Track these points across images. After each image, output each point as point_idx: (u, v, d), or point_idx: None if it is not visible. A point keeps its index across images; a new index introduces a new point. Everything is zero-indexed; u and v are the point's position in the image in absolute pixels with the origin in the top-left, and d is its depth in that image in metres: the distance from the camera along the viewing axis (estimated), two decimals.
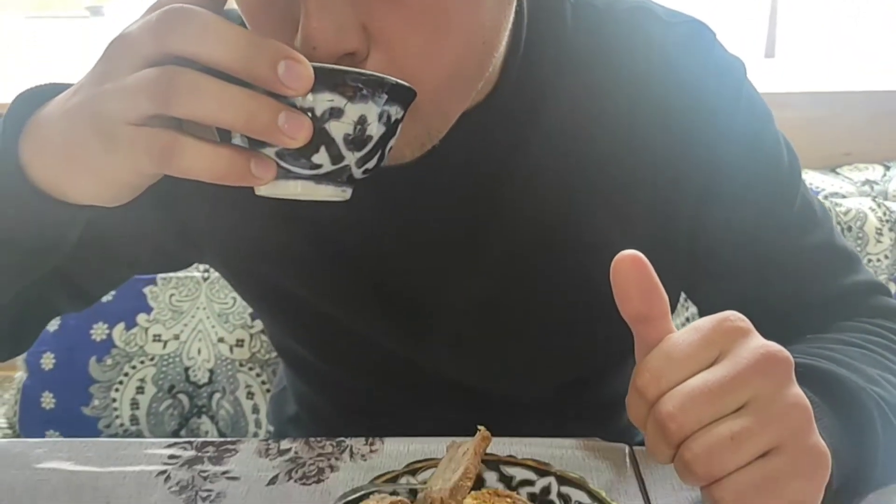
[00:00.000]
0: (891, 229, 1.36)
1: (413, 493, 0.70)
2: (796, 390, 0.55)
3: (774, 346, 0.55)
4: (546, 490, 0.71)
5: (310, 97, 0.52)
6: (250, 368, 1.50)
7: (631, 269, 0.57)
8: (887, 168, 1.62)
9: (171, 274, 1.50)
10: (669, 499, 0.73)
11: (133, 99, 0.52)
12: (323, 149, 0.54)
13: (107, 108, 0.54)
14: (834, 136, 1.74)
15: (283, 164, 0.54)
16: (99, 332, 1.49)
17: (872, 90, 1.78)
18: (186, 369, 1.49)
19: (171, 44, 0.51)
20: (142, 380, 1.48)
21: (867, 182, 1.56)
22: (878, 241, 1.35)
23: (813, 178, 1.58)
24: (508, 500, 0.67)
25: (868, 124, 1.78)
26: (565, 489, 0.71)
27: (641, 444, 0.78)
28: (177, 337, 1.50)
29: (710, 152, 0.80)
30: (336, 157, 0.54)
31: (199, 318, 1.50)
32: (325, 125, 0.53)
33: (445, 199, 0.80)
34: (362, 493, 0.69)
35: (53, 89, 0.63)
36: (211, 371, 1.49)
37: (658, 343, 0.57)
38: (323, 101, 0.52)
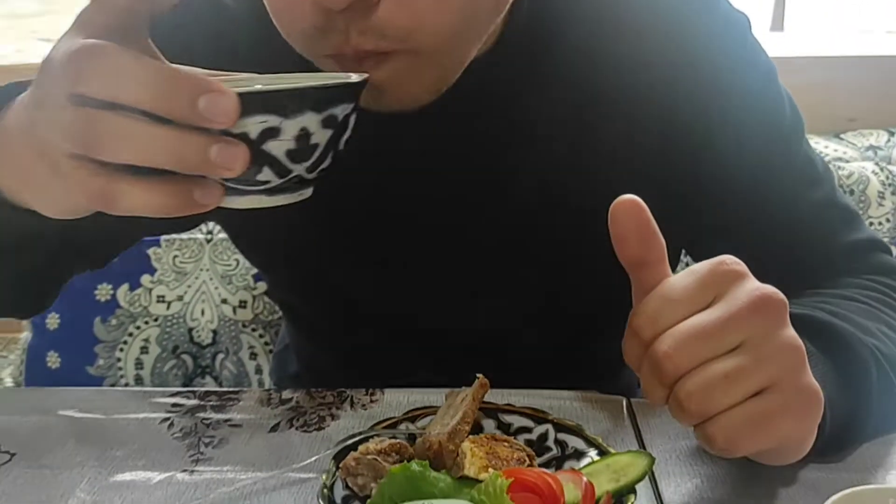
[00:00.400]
0: (893, 193, 1.36)
1: (412, 438, 0.71)
2: (790, 332, 0.56)
3: (769, 288, 0.56)
4: (543, 437, 0.72)
5: (242, 122, 0.49)
6: (253, 329, 1.51)
7: (629, 212, 0.57)
8: (892, 134, 1.61)
9: (175, 236, 1.51)
10: (666, 447, 0.74)
11: (61, 139, 0.51)
12: (266, 168, 0.52)
13: (46, 138, 0.53)
14: (839, 102, 1.74)
15: (229, 184, 0.53)
16: (103, 292, 1.50)
17: (878, 55, 1.77)
18: (190, 330, 1.50)
19: (86, 88, 0.49)
20: (146, 340, 1.50)
21: (871, 147, 1.56)
22: (881, 205, 1.35)
23: (816, 144, 1.57)
24: (506, 444, 0.68)
25: (873, 90, 1.77)
26: (562, 436, 0.72)
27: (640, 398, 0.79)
28: (180, 298, 1.51)
29: (713, 103, 0.81)
30: (282, 172, 0.53)
31: (202, 279, 1.51)
32: (263, 146, 0.51)
33: (453, 146, 0.81)
34: (361, 437, 0.70)
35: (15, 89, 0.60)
36: (214, 332, 1.51)
37: (655, 287, 0.57)
38: (256, 124, 0.50)
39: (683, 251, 0.96)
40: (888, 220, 1.35)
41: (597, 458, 0.68)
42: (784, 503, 0.67)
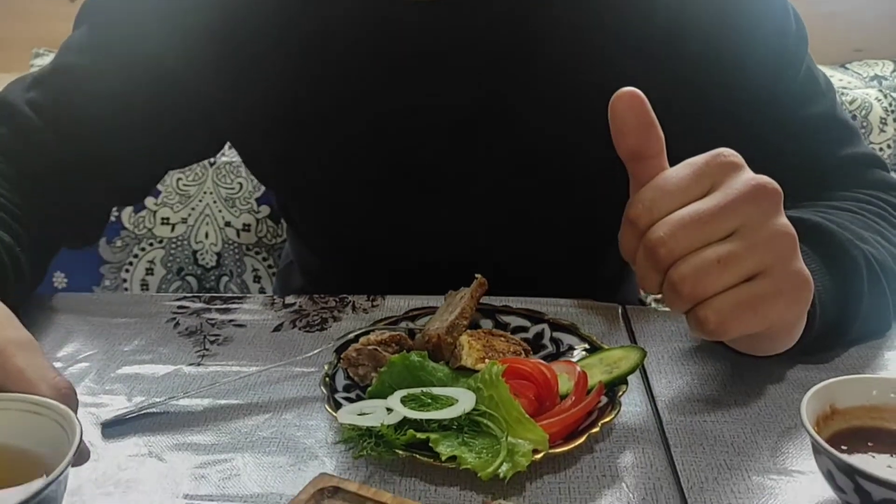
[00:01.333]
0: (895, 119, 1.35)
1: (412, 334, 0.73)
2: (783, 220, 0.57)
3: (764, 177, 0.57)
4: (539, 335, 0.74)
5: None
6: (257, 252, 1.53)
7: (628, 104, 0.58)
8: None
9: None
10: (659, 348, 0.76)
11: None
12: None
13: None
14: (845, 32, 1.72)
15: None
16: None
17: None
18: (194, 252, 1.52)
19: None
20: (151, 262, 1.51)
21: (876, 77, 1.55)
22: (882, 131, 1.35)
23: None
24: (503, 338, 0.70)
25: (880, 21, 1.75)
26: (557, 334, 0.74)
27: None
28: (184, 220, 1.52)
29: (719, 13, 0.81)
30: None
31: (206, 202, 1.52)
32: None
33: (460, 43, 0.82)
34: (362, 331, 0.72)
35: None
36: (218, 254, 1.53)
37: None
38: None
39: None
40: (889, 147, 1.36)
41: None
42: (771, 399, 0.69)
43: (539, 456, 0.56)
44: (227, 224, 1.52)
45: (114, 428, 0.66)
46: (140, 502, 0.57)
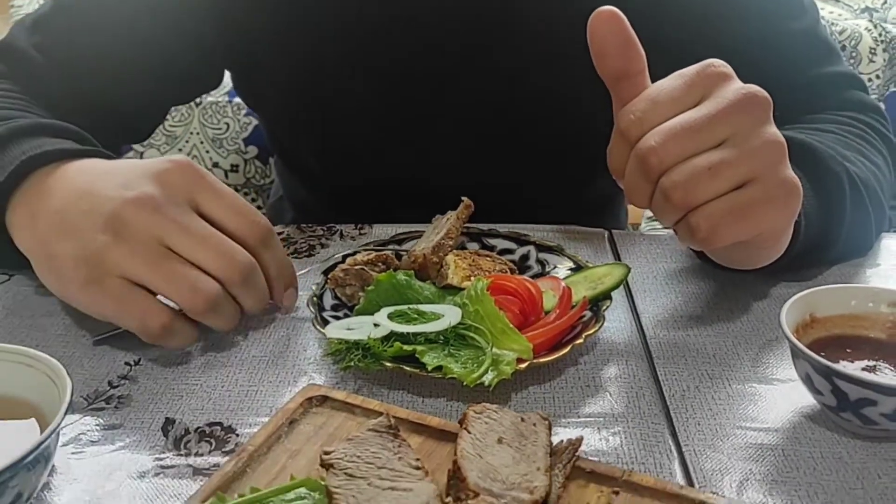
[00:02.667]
0: (885, 49, 1.35)
1: (398, 257, 0.73)
2: (773, 129, 0.57)
3: (754, 87, 0.57)
4: (525, 257, 0.75)
5: None
6: (245, 193, 1.52)
7: (607, 24, 0.57)
8: None
9: None
10: (644, 268, 0.77)
11: (136, 270, 0.59)
12: None
13: (112, 261, 0.59)
14: None
15: None
16: None
17: None
18: None
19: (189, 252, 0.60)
20: None
21: (867, 10, 1.53)
22: (871, 62, 1.34)
23: None
24: (489, 258, 0.71)
25: None
26: (543, 255, 0.74)
27: None
28: None
29: None
30: None
31: (192, 143, 1.51)
32: None
33: None
34: (349, 254, 0.72)
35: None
36: None
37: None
38: None
39: None
40: (878, 77, 1.35)
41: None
42: (754, 314, 0.70)
43: (524, 365, 0.57)
44: (215, 165, 1.52)
45: (104, 346, 0.66)
46: (131, 417, 0.58)
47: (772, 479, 0.52)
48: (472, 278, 0.66)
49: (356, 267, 0.68)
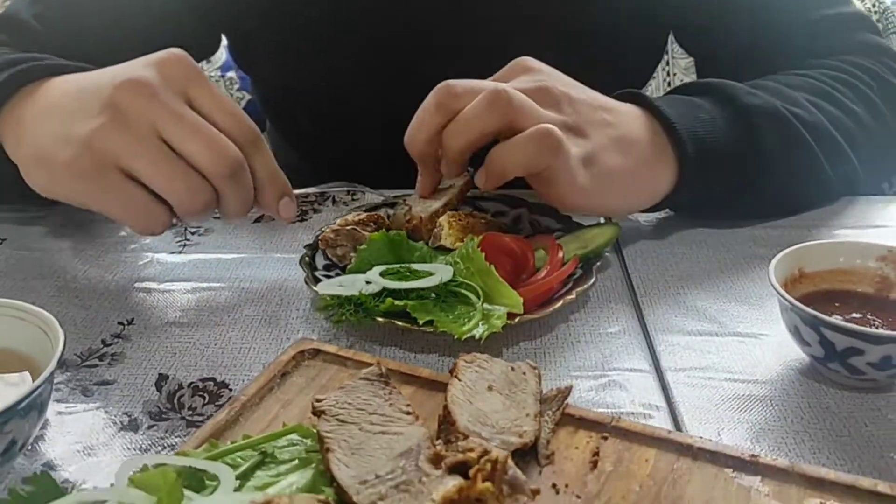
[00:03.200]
0: (878, 21, 1.34)
1: (391, 206, 0.74)
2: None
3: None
4: (517, 219, 0.75)
5: None
6: None
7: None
8: None
9: None
10: (636, 232, 0.77)
11: (131, 160, 0.58)
12: None
13: (108, 146, 0.58)
14: None
15: None
16: None
17: None
18: None
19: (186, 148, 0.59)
20: None
21: None
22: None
23: None
24: (482, 221, 0.71)
25: None
26: (535, 217, 0.74)
27: None
28: None
29: None
30: None
31: None
32: None
33: None
34: (342, 215, 0.73)
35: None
36: None
37: None
38: None
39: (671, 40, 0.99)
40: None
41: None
42: (743, 273, 0.70)
43: (515, 320, 0.58)
44: None
45: (97, 306, 0.67)
46: (124, 374, 0.59)
47: (759, 427, 0.52)
48: (465, 240, 0.66)
49: (347, 227, 0.68)
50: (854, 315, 0.57)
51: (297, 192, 0.69)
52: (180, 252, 0.75)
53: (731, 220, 0.77)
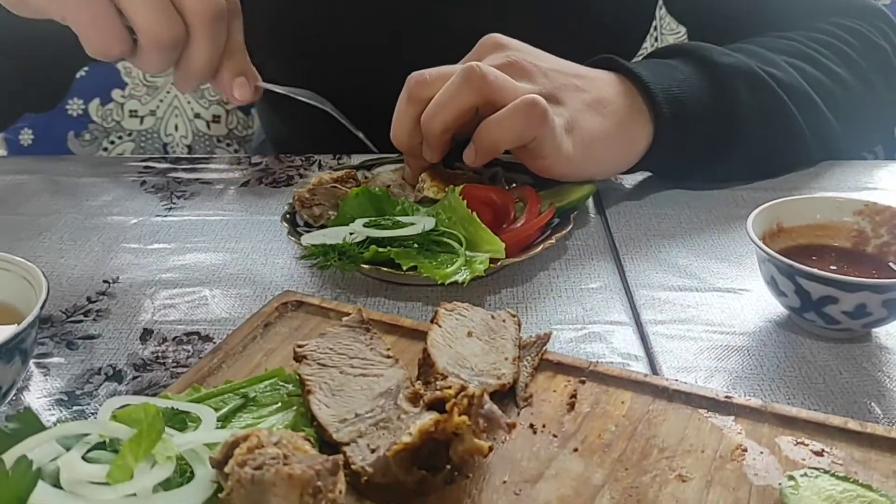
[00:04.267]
0: None
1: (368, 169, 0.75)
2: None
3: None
4: (493, 177, 0.75)
5: None
6: (228, 144, 1.52)
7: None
8: None
9: None
10: (619, 193, 0.78)
11: None
12: None
13: None
14: None
15: None
16: (74, 107, 1.49)
17: None
18: (164, 145, 1.51)
19: None
20: (121, 154, 1.50)
21: None
22: None
23: None
24: (463, 174, 0.71)
25: None
26: (511, 175, 0.75)
27: None
28: (153, 113, 1.50)
29: None
30: None
31: (174, 93, 1.50)
32: None
33: None
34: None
35: None
36: (189, 147, 1.52)
37: None
38: None
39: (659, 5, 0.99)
40: None
41: None
42: (723, 232, 0.71)
43: (497, 265, 0.58)
44: (197, 115, 1.51)
45: (81, 267, 0.67)
46: (109, 329, 0.59)
47: (736, 375, 0.53)
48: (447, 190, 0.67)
49: (326, 186, 0.68)
50: (831, 268, 0.58)
51: (264, 84, 0.68)
52: (165, 215, 0.75)
53: (709, 182, 0.78)
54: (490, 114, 0.64)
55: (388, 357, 0.47)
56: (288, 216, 0.67)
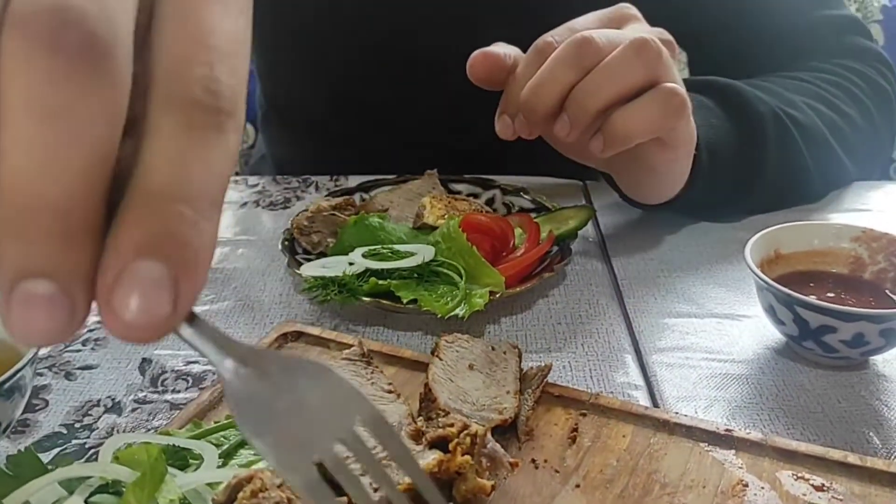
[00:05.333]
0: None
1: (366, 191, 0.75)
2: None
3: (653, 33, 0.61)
4: (490, 201, 0.76)
5: None
6: None
7: (483, 70, 0.65)
8: None
9: None
10: (616, 216, 0.78)
11: None
12: None
13: None
14: None
15: None
16: None
17: None
18: None
19: None
20: None
21: None
22: None
23: None
24: (465, 201, 0.71)
25: None
26: (509, 198, 0.75)
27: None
28: None
29: None
30: None
31: None
32: None
33: None
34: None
35: None
36: None
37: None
38: None
39: None
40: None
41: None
42: (721, 257, 0.71)
43: (497, 296, 0.59)
44: None
45: None
46: (108, 358, 0.59)
47: (735, 404, 0.53)
48: (446, 217, 0.67)
49: (324, 213, 0.68)
50: (828, 295, 0.59)
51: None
52: None
53: (717, 219, 0.77)
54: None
55: (390, 392, 0.47)
56: (286, 243, 0.67)
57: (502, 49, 0.66)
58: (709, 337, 0.60)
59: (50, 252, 0.21)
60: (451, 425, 0.42)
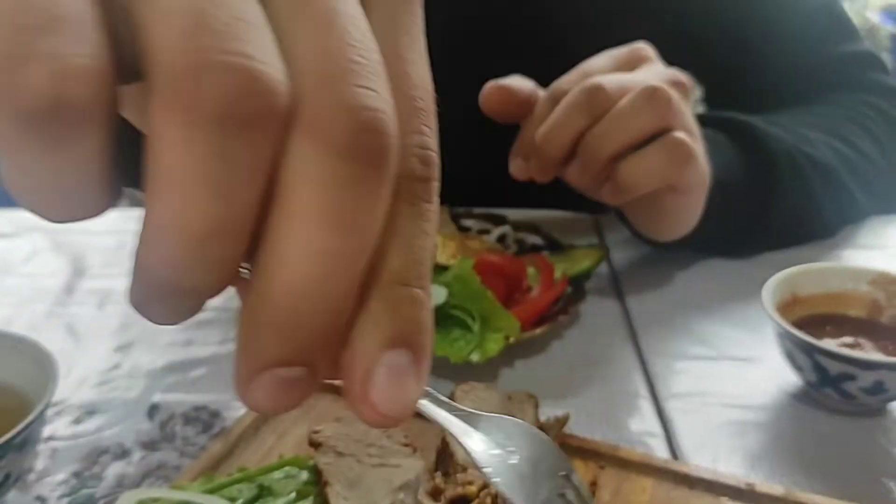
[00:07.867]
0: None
1: None
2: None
3: (669, 76, 0.62)
4: (502, 237, 0.75)
5: None
6: None
7: (497, 102, 0.66)
8: None
9: None
10: (629, 253, 0.78)
11: None
12: None
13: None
14: None
15: None
16: None
17: None
18: None
19: None
20: None
21: None
22: None
23: None
24: (476, 240, 0.71)
25: None
26: (521, 234, 0.75)
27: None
28: None
29: None
30: None
31: None
32: None
33: None
34: None
35: None
36: None
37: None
38: None
39: None
40: None
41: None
42: (737, 296, 0.70)
43: (511, 340, 0.58)
44: None
45: (88, 335, 0.66)
46: (115, 403, 0.58)
47: (753, 453, 0.53)
48: (458, 257, 0.66)
49: None
50: (846, 339, 0.58)
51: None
52: None
53: (733, 255, 0.76)
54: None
55: (406, 446, 0.46)
56: None
57: (516, 82, 0.66)
58: (726, 381, 0.60)
59: (311, 348, 0.21)
60: (471, 483, 0.41)
